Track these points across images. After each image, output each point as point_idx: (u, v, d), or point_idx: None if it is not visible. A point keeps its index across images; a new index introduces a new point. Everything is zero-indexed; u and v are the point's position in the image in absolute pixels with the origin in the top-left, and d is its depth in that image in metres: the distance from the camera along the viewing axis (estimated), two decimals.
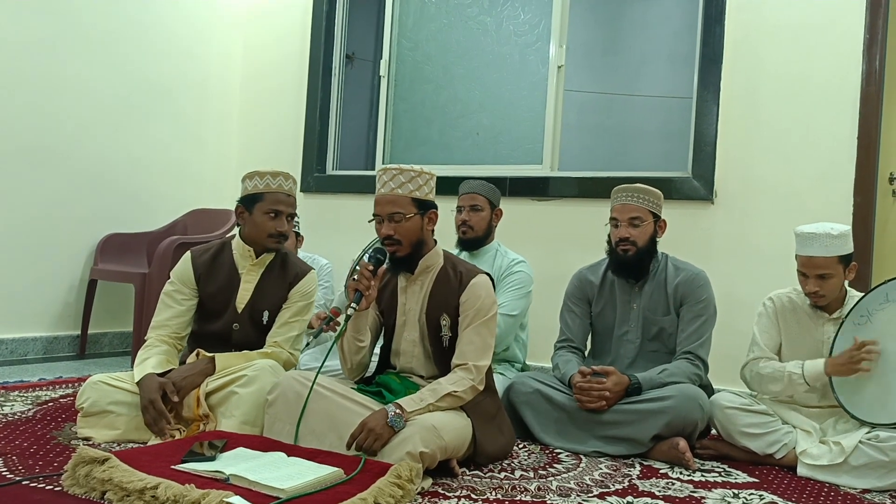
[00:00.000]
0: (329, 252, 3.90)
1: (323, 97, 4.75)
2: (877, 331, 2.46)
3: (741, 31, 3.59)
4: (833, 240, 2.49)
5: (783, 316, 2.68)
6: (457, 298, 2.35)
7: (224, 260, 2.68)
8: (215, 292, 2.65)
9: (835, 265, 2.51)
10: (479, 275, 2.39)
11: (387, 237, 2.31)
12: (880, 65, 3.32)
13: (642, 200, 2.77)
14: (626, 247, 2.76)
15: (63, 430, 2.43)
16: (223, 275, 2.66)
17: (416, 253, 2.37)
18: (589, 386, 2.61)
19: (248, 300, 2.64)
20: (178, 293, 2.65)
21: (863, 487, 2.31)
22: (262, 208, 2.61)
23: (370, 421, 2.10)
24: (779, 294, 2.72)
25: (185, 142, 4.69)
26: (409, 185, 2.31)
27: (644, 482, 2.27)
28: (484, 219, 3.24)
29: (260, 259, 2.66)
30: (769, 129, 3.52)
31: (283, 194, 2.65)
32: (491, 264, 3.18)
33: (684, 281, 2.79)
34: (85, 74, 4.11)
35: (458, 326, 2.34)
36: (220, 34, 4.91)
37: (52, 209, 3.99)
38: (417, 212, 2.32)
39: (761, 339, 2.68)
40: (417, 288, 2.41)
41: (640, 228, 2.76)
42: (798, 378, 2.52)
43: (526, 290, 3.15)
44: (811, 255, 2.52)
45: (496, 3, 4.41)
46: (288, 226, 2.66)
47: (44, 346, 3.98)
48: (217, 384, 2.42)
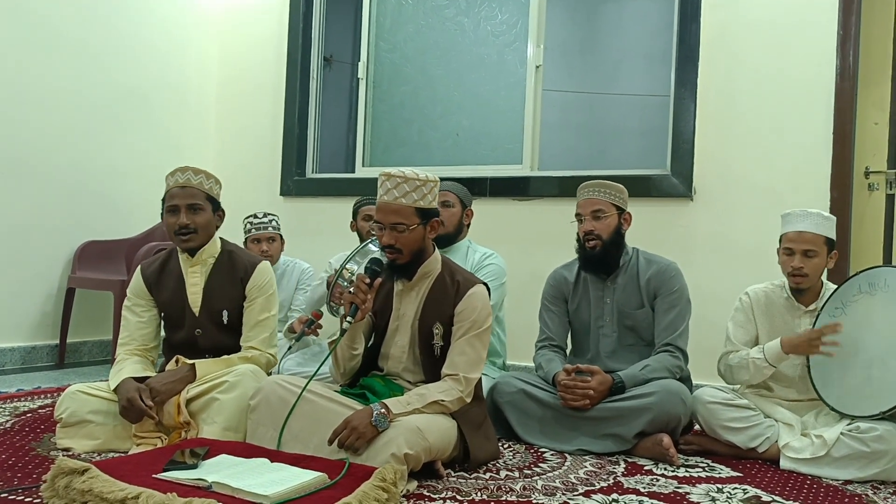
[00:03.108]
0: (310, 256, 3.88)
1: (301, 100, 4.73)
2: (852, 322, 2.49)
3: (717, 29, 3.62)
4: (824, 220, 2.59)
5: (760, 310, 2.70)
6: (452, 308, 2.33)
7: (172, 266, 2.65)
8: (168, 299, 2.62)
9: (821, 245, 2.57)
10: (477, 285, 2.37)
11: (388, 246, 2.28)
12: (854, 61, 3.36)
13: (604, 194, 2.80)
14: (592, 240, 2.78)
15: (42, 441, 2.40)
16: (172, 281, 2.63)
17: (416, 260, 2.34)
18: (574, 384, 2.61)
19: (201, 302, 2.60)
20: (136, 306, 2.63)
21: (845, 479, 2.33)
22: (165, 209, 2.58)
23: (354, 419, 2.08)
24: (755, 289, 2.74)
25: (162, 147, 4.64)
26: (414, 195, 2.26)
27: (629, 479, 2.28)
28: (455, 215, 3.25)
29: (198, 258, 2.61)
30: (746, 125, 3.55)
31: (177, 188, 2.56)
32: (463, 260, 3.19)
33: (656, 273, 2.81)
34: (59, 82, 4.06)
35: (452, 336, 2.33)
36: (196, 39, 4.87)
37: (28, 218, 3.93)
38: (420, 222, 2.29)
39: (734, 334, 2.71)
40: (413, 294, 2.39)
41: (602, 221, 2.78)
42: (761, 362, 2.56)
43: (499, 281, 3.17)
44: (801, 230, 2.58)
45: (473, 4, 4.41)
46: (195, 217, 2.53)
47: (22, 356, 3.92)
48: (198, 390, 2.39)
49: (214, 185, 2.64)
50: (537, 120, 4.13)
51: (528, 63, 4.14)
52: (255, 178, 4.76)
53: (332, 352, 2.32)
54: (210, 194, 2.60)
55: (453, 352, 2.31)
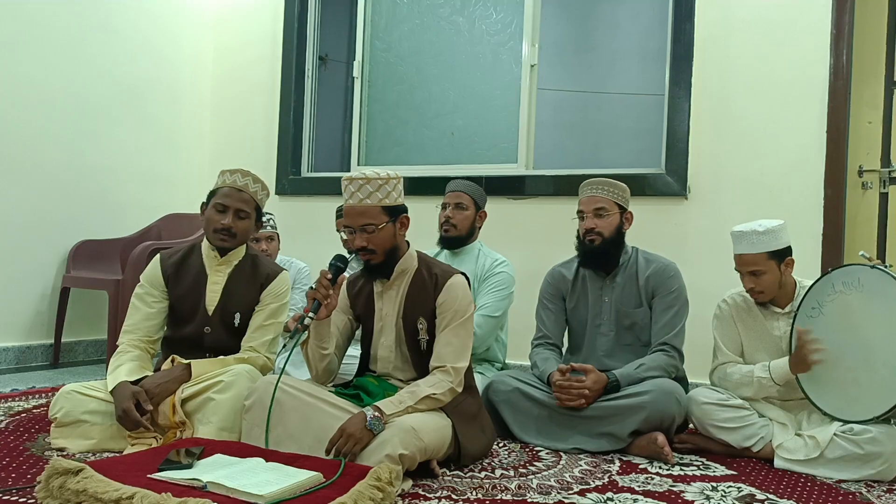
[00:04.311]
0: (306, 255, 3.88)
1: (296, 99, 4.72)
2: (830, 323, 2.46)
3: (711, 28, 3.62)
4: (759, 236, 2.54)
5: (739, 315, 2.70)
6: (433, 301, 2.34)
7: (193, 262, 2.65)
8: (184, 294, 2.62)
9: (764, 261, 2.55)
10: (455, 275, 2.37)
11: (360, 248, 2.28)
12: (847, 59, 3.37)
13: (607, 192, 2.81)
14: (592, 237, 2.79)
15: (37, 441, 2.39)
16: (192, 276, 2.63)
17: (391, 259, 2.35)
18: (569, 384, 2.61)
19: (218, 302, 2.60)
20: (148, 295, 2.62)
21: (838, 479, 2.34)
22: (212, 203, 2.60)
23: (349, 426, 2.08)
24: (732, 294, 2.74)
25: (156, 146, 4.64)
26: (378, 194, 2.26)
27: (624, 478, 2.28)
28: (468, 218, 3.23)
29: (226, 259, 2.62)
30: (740, 124, 3.56)
31: (233, 189, 2.59)
32: (474, 264, 3.18)
33: (655, 272, 2.82)
34: (54, 80, 4.05)
35: (436, 328, 2.33)
36: (191, 37, 4.86)
37: (22, 217, 3.92)
38: (389, 219, 2.29)
39: (723, 343, 2.70)
40: (393, 293, 2.39)
41: (605, 219, 2.79)
42: (767, 381, 2.55)
43: (508, 290, 3.16)
44: (740, 253, 2.59)
45: (468, 3, 4.41)
46: (239, 223, 2.57)
47: (16, 355, 3.91)
48: (193, 390, 2.39)
49: (264, 197, 2.68)
50: (532, 119, 4.14)
51: (523, 62, 4.15)
52: None
53: (294, 347, 2.23)
54: (259, 204, 2.64)
55: (439, 343, 2.31)
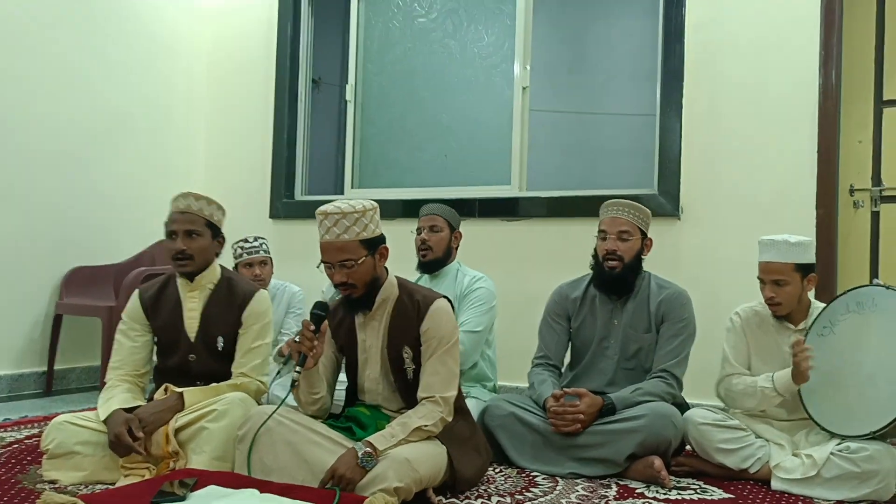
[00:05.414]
0: (300, 279, 3.86)
1: (290, 122, 4.74)
2: (841, 341, 2.50)
3: (701, 49, 3.65)
4: (790, 247, 2.56)
5: (750, 329, 2.71)
6: (417, 328, 2.30)
7: (170, 292, 2.65)
8: (164, 325, 2.62)
9: (790, 272, 2.56)
10: (438, 300, 2.34)
11: (340, 283, 2.25)
12: (836, 79, 3.40)
13: (632, 216, 2.81)
14: (612, 260, 2.77)
15: (28, 472, 2.37)
16: (169, 306, 2.63)
17: (372, 291, 2.31)
18: (563, 410, 2.60)
19: (198, 328, 2.59)
20: (131, 330, 2.62)
21: (836, 499, 2.33)
22: (165, 233, 2.61)
23: (339, 466, 2.03)
24: (745, 308, 2.75)
25: (150, 171, 4.63)
26: (355, 228, 2.21)
27: (621, 502, 2.27)
28: (443, 239, 3.23)
29: (197, 283, 2.61)
30: (732, 144, 3.58)
31: (177, 213, 2.59)
32: (453, 284, 3.18)
33: (667, 299, 2.80)
34: (46, 106, 4.05)
35: (422, 356, 2.30)
36: (184, 61, 4.88)
37: (14, 243, 3.91)
38: (368, 253, 2.25)
39: (731, 355, 2.70)
40: (376, 323, 2.36)
41: (628, 243, 2.78)
42: (770, 391, 2.54)
43: (488, 305, 3.14)
44: (768, 261, 2.59)
45: (460, 26, 4.45)
46: (192, 243, 2.55)
47: (8, 383, 3.88)
48: (187, 419, 2.37)
49: (216, 212, 2.65)
50: (525, 141, 4.15)
51: (515, 84, 4.17)
52: (244, 200, 4.72)
53: (288, 395, 2.27)
54: (210, 220, 2.62)
55: (426, 373, 2.28)
